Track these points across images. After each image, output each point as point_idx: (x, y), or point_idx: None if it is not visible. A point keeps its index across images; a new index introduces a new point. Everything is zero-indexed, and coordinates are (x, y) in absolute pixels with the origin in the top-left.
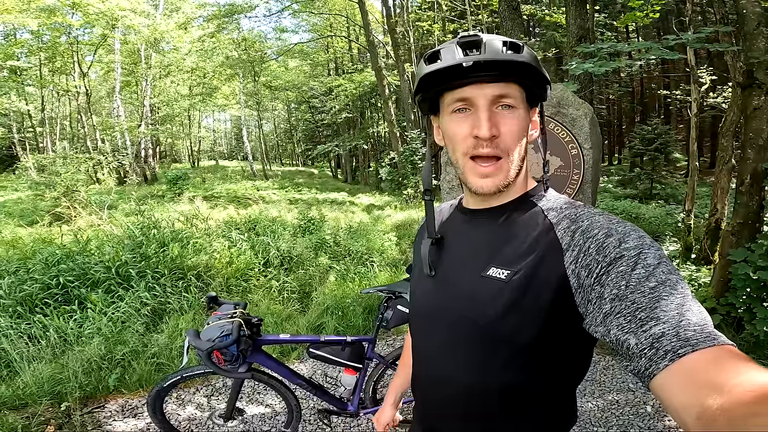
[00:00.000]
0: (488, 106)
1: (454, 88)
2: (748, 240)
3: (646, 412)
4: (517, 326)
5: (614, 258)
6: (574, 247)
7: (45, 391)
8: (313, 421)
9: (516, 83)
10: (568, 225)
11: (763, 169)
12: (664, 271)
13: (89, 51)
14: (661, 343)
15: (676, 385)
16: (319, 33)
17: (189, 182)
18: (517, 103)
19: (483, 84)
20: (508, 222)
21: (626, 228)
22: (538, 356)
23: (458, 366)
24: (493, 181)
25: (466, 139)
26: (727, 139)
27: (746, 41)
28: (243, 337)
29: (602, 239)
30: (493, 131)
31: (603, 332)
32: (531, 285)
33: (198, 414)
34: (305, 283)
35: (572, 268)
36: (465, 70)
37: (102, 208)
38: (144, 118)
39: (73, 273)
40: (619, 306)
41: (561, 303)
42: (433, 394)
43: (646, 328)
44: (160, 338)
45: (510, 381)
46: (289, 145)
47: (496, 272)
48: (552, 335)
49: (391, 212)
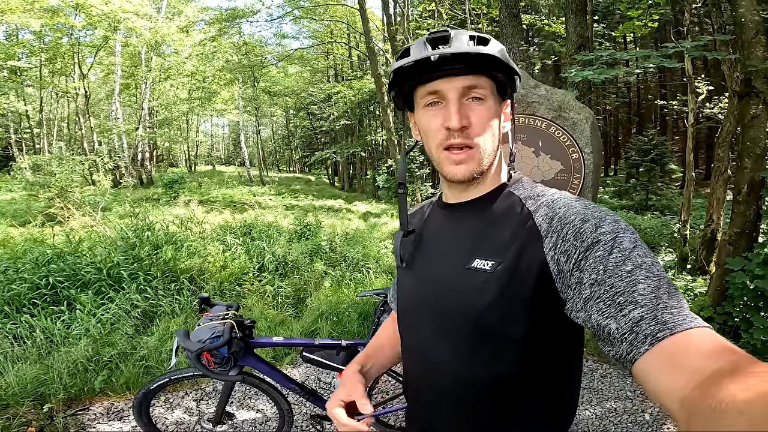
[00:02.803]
0: (458, 98)
1: (425, 82)
2: (744, 249)
3: (645, 420)
4: (505, 316)
5: (591, 243)
6: (552, 233)
7: (28, 392)
8: (305, 428)
9: (485, 75)
10: (545, 212)
11: (761, 178)
12: (640, 254)
13: (90, 53)
14: (641, 327)
15: (657, 370)
16: (320, 39)
17: (185, 186)
18: (486, 94)
19: (452, 77)
20: (488, 213)
21: (601, 213)
22: (528, 347)
23: (449, 359)
24: (467, 167)
25: (439, 131)
26: (723, 149)
27: (744, 50)
28: (234, 339)
29: (579, 225)
30: (463, 122)
31: (584, 318)
32: (515, 274)
33: (186, 418)
34: (300, 289)
35: (551, 255)
36: (434, 64)
37: (96, 209)
38: (142, 121)
39: (63, 273)
40: (598, 291)
41: (543, 290)
42: (426, 388)
43: (625, 312)
44: (150, 341)
45: (501, 373)
46: (287, 151)
47: (481, 264)
48: (539, 324)
49: (387, 220)
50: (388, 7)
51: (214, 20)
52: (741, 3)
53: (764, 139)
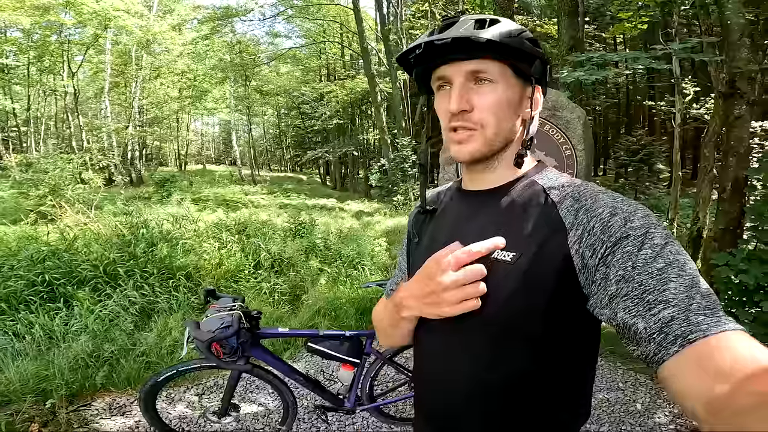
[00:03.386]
0: (462, 83)
1: (436, 67)
2: (729, 245)
3: (636, 409)
4: (524, 310)
5: (620, 237)
6: (577, 226)
7: (29, 389)
8: (307, 420)
9: (493, 59)
10: (571, 204)
11: (744, 176)
12: (672, 251)
13: (79, 51)
14: (671, 328)
15: (685, 372)
16: (313, 38)
17: (177, 185)
18: (495, 77)
19: (458, 62)
20: (509, 202)
21: (631, 206)
22: (545, 340)
23: (464, 351)
24: (467, 147)
25: (445, 114)
26: (709, 149)
27: (730, 51)
28: (243, 329)
29: (607, 218)
30: (463, 106)
31: (609, 315)
32: (536, 267)
33: (189, 412)
34: (296, 286)
35: (576, 248)
36: (440, 50)
37: (90, 207)
38: (132, 119)
39: (59, 270)
40: (626, 288)
41: (565, 284)
42: (439, 380)
43: (655, 311)
44: (150, 336)
45: (518, 367)
46: (278, 150)
47: (502, 254)
48: (558, 319)
49: (380, 219)
50: (381, 7)
51: (206, 19)
52: (727, 5)
53: (747, 139)
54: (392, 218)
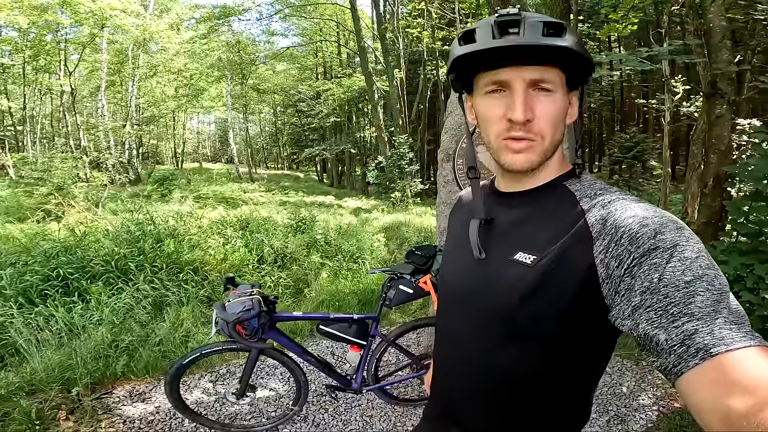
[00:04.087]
0: (525, 89)
1: (489, 69)
2: (711, 238)
3: (622, 392)
4: (539, 313)
5: (648, 249)
6: (605, 236)
7: (54, 378)
8: (316, 402)
9: (555, 66)
10: (599, 212)
11: (724, 172)
12: (702, 265)
13: (75, 50)
14: (693, 341)
15: (704, 385)
16: (309, 37)
17: (176, 183)
18: (555, 87)
19: (520, 66)
20: (539, 206)
21: (663, 218)
22: (558, 346)
23: (479, 347)
24: (526, 156)
25: (501, 121)
26: (698, 146)
27: (711, 53)
28: (263, 312)
29: (636, 229)
30: (528, 115)
31: (631, 326)
32: (556, 272)
33: (205, 398)
34: (299, 279)
35: (601, 258)
36: (502, 52)
37: (96, 204)
38: (129, 118)
39: (73, 266)
40: (650, 299)
41: (586, 293)
42: (452, 373)
43: (678, 324)
44: (163, 327)
45: (527, 368)
46: (275, 148)
47: (523, 257)
48: (574, 325)
49: (378, 215)
50: (378, 5)
51: (203, 18)
52: (710, 9)
53: (728, 137)
54: (390, 215)
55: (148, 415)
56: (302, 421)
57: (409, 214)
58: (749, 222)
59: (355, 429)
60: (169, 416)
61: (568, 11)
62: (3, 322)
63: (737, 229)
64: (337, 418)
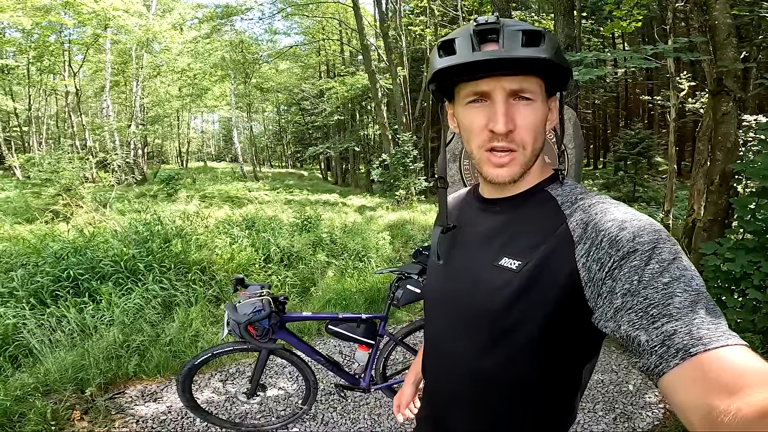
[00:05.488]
0: (505, 99)
1: (470, 80)
2: (718, 235)
3: (629, 390)
4: (524, 317)
5: (627, 252)
6: (586, 239)
7: (68, 378)
8: (325, 401)
9: (535, 75)
10: (580, 217)
11: (731, 169)
12: (679, 267)
13: (79, 50)
14: (673, 341)
15: (685, 384)
16: (312, 35)
17: (181, 183)
18: (535, 96)
19: (500, 77)
20: (522, 212)
21: (641, 221)
22: (543, 349)
23: (465, 352)
24: (509, 170)
25: (482, 132)
26: (704, 142)
27: (717, 50)
28: (273, 312)
29: (615, 232)
30: (509, 126)
31: (613, 327)
32: (540, 277)
33: (215, 397)
34: (306, 278)
35: (583, 262)
36: (481, 64)
37: (105, 205)
38: (134, 118)
39: (83, 266)
40: (631, 301)
41: (570, 296)
42: (440, 378)
43: (658, 324)
44: (173, 327)
45: (515, 371)
46: (279, 147)
47: (508, 262)
48: (558, 329)
49: (383, 213)
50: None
51: (206, 17)
52: (715, 6)
53: (734, 134)
54: (394, 212)
55: (160, 415)
56: (311, 419)
57: (414, 212)
58: (756, 219)
59: (363, 427)
60: (180, 416)
61: (572, 8)
62: (16, 323)
63: (744, 226)
64: (345, 416)
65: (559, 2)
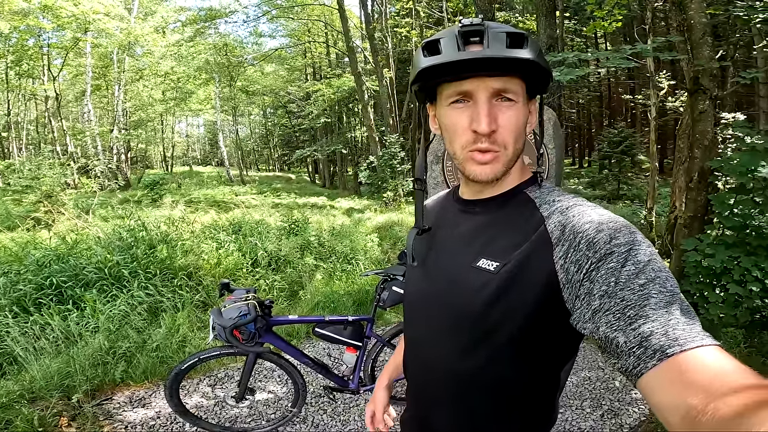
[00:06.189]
0: (488, 100)
1: (453, 80)
2: (698, 231)
3: (615, 386)
4: (503, 319)
5: (605, 254)
6: (563, 241)
7: (54, 385)
8: (315, 404)
9: (517, 77)
10: (558, 219)
11: (709, 167)
12: (654, 268)
13: (58, 54)
14: (650, 342)
15: (663, 385)
16: (297, 38)
17: (166, 188)
18: (517, 97)
19: (483, 77)
20: (500, 214)
21: (617, 223)
22: (523, 350)
23: (444, 355)
24: (492, 168)
25: (466, 133)
26: (683, 140)
27: (693, 49)
28: (259, 316)
29: (593, 234)
30: (492, 126)
31: (591, 329)
32: (519, 278)
33: (204, 402)
34: (294, 282)
35: (561, 263)
36: (466, 63)
37: (87, 211)
38: (116, 122)
39: (66, 274)
40: (608, 303)
41: (548, 298)
42: (421, 380)
43: (635, 326)
44: (159, 333)
45: (494, 373)
46: (266, 150)
47: (486, 264)
48: (537, 330)
49: (371, 215)
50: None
51: (189, 20)
52: (690, 6)
53: (711, 132)
54: (382, 214)
55: (149, 420)
56: (301, 422)
57: (402, 213)
58: (734, 215)
59: (354, 429)
60: (170, 421)
61: (554, 8)
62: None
63: (723, 222)
64: (335, 418)
65: (541, 3)
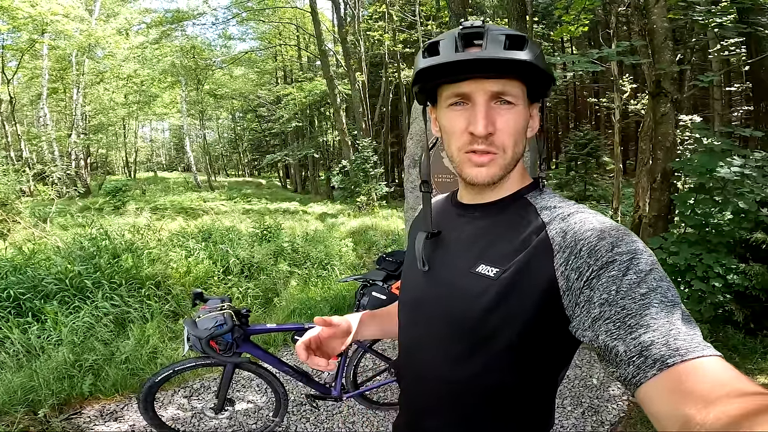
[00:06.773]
0: (486, 102)
1: (452, 82)
2: (662, 230)
3: (593, 384)
4: (501, 325)
5: (606, 262)
6: (565, 248)
7: (18, 400)
8: (297, 412)
9: (517, 79)
10: (560, 225)
11: (671, 167)
12: (656, 278)
13: (13, 56)
14: (650, 352)
15: (662, 395)
16: (268, 41)
17: (129, 194)
18: (516, 99)
19: (482, 79)
20: (500, 219)
21: (619, 232)
22: (521, 357)
23: (441, 360)
24: (488, 170)
25: (463, 135)
26: (646, 142)
27: (655, 53)
28: (236, 326)
29: (594, 242)
30: (489, 129)
31: (591, 337)
32: (518, 284)
33: (180, 414)
34: (268, 289)
35: (561, 270)
36: (464, 65)
37: (44, 220)
38: (75, 127)
39: (24, 285)
40: (609, 311)
41: (547, 304)
42: (416, 386)
43: (636, 335)
44: (128, 345)
45: (491, 380)
46: (235, 155)
47: (485, 269)
48: (536, 336)
49: (344, 220)
50: (339, 9)
51: (154, 22)
52: (653, 11)
53: (673, 134)
54: (356, 219)
55: None
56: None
57: (376, 218)
58: (695, 214)
59: None
60: None
61: (525, 13)
62: None
63: (685, 221)
64: (319, 426)
65: (512, 7)
